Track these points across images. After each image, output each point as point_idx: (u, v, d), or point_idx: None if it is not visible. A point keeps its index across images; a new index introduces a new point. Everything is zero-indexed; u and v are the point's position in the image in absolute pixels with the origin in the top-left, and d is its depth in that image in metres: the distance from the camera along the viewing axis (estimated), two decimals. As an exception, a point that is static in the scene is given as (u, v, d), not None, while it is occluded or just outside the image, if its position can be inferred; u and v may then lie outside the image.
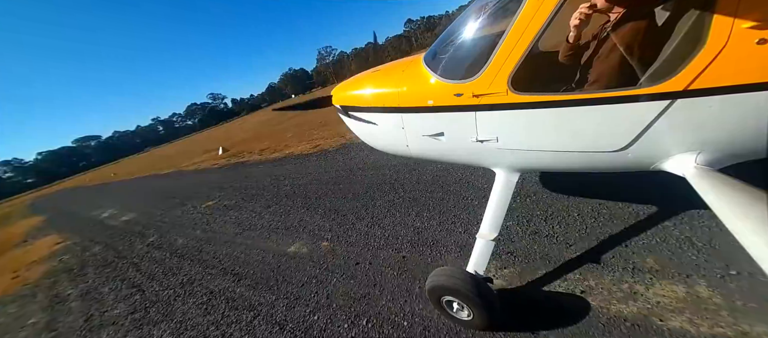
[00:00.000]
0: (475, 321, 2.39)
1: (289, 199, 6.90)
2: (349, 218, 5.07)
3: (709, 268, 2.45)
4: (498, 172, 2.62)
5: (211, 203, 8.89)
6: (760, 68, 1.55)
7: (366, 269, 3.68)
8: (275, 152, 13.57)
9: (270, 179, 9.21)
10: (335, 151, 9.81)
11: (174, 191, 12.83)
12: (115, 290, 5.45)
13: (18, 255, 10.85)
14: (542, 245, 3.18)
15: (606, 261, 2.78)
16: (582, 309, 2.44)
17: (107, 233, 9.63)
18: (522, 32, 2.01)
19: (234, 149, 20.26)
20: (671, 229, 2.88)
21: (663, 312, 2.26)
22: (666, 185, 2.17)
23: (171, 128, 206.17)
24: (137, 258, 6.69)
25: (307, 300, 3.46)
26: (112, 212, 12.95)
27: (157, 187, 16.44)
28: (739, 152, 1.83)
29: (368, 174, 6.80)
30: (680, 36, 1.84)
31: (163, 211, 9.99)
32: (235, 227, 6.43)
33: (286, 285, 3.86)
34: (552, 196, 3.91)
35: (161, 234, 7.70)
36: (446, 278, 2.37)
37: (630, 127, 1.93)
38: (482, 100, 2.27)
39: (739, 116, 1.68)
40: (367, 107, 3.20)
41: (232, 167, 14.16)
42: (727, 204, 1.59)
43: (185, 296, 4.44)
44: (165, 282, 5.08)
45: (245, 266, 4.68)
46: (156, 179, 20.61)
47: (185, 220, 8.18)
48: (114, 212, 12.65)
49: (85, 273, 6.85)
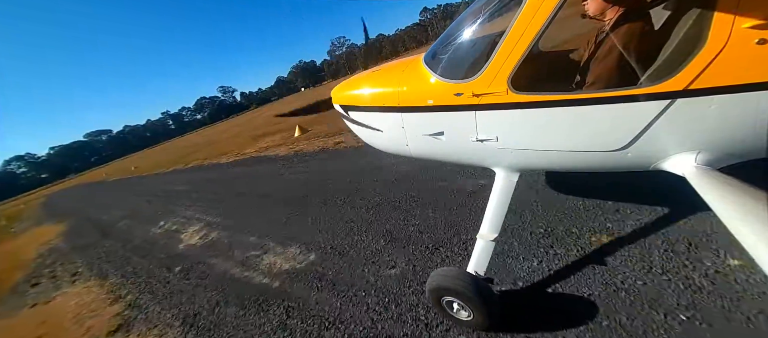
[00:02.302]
0: (476, 321, 2.41)
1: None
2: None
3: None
4: (498, 172, 2.63)
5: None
6: (760, 68, 1.54)
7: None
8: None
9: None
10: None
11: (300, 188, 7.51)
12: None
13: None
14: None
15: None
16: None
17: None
18: (522, 32, 2.01)
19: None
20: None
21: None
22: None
23: (180, 122, 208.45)
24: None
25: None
26: (207, 231, 6.86)
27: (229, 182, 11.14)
28: (739, 151, 1.82)
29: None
30: (680, 36, 1.83)
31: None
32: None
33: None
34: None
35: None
36: (447, 279, 2.39)
37: (630, 126, 1.94)
38: (482, 99, 2.28)
39: (739, 115, 1.68)
40: (367, 107, 3.22)
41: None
42: (726, 204, 1.60)
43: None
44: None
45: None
46: (207, 171, 15.35)
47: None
48: (216, 235, 6.47)
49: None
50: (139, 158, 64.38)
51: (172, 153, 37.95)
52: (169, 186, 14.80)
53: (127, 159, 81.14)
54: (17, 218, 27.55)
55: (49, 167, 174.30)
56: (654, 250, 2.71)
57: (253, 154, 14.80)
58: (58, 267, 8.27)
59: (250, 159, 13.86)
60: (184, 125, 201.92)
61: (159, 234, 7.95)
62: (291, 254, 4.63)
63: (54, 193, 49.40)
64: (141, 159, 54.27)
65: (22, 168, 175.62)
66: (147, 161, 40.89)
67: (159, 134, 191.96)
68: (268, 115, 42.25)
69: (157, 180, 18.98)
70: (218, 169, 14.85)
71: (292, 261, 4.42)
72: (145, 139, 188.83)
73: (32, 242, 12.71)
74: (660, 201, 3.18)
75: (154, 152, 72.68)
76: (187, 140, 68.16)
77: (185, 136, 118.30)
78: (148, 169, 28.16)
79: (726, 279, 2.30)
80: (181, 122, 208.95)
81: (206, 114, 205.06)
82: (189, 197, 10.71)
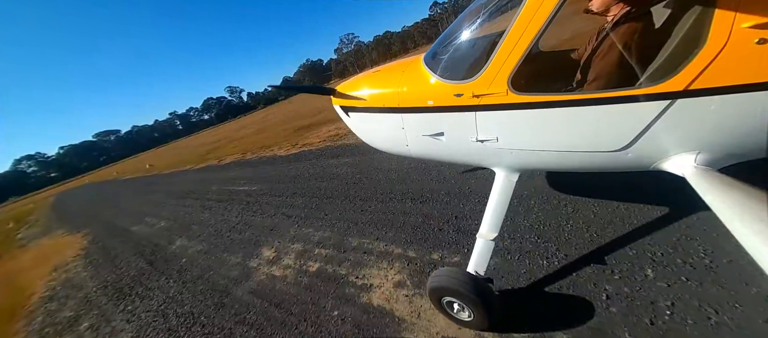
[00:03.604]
0: (476, 321, 2.41)
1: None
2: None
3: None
4: (498, 172, 2.64)
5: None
6: (760, 68, 1.53)
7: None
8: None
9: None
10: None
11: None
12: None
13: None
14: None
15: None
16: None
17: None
18: (522, 32, 2.01)
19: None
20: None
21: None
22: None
23: (188, 122, 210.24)
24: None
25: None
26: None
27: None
28: (738, 152, 1.81)
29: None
30: (680, 36, 1.82)
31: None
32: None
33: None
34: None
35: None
36: (447, 279, 2.39)
37: (630, 127, 1.93)
38: (482, 100, 2.28)
39: (738, 115, 1.66)
40: (367, 108, 3.22)
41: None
42: (726, 204, 1.59)
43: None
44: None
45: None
46: (264, 166, 11.62)
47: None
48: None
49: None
50: (151, 156, 62.64)
51: (189, 152, 34.79)
52: (223, 185, 10.85)
53: (137, 158, 79.55)
54: (25, 220, 24.69)
55: (58, 166, 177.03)
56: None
57: (318, 144, 11.41)
58: (84, 330, 4.76)
59: (319, 151, 10.41)
60: (192, 125, 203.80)
61: (281, 279, 4.21)
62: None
63: (64, 192, 48.15)
64: (153, 158, 52.20)
65: (32, 167, 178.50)
66: (161, 159, 38.98)
67: (167, 134, 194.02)
68: (289, 110, 38.68)
69: (192, 178, 15.38)
70: (278, 163, 11.03)
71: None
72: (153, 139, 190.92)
73: (40, 263, 9.35)
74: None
75: (165, 150, 70.81)
76: (195, 139, 66.40)
77: (196, 134, 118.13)
78: (167, 166, 25.84)
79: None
80: (188, 122, 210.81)
81: (213, 114, 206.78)
82: (276, 203, 7.08)
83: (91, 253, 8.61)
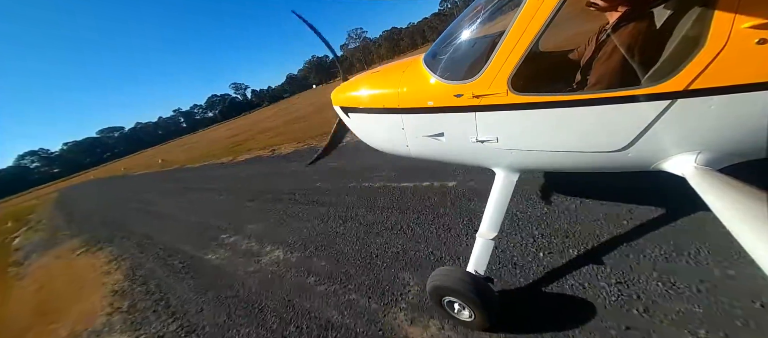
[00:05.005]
0: (476, 321, 2.42)
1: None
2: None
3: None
4: (498, 172, 2.64)
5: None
6: (760, 68, 1.53)
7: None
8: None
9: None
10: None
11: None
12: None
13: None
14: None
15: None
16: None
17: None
18: (522, 32, 2.00)
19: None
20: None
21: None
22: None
23: (192, 119, 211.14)
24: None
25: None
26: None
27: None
28: (738, 152, 1.81)
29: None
30: (680, 36, 1.82)
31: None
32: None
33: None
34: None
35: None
36: (447, 278, 2.40)
37: (630, 127, 1.93)
38: (482, 100, 2.28)
39: (738, 116, 1.66)
40: (367, 108, 3.23)
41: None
42: (726, 205, 1.59)
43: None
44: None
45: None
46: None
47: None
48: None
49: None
50: (157, 152, 61.28)
51: (206, 146, 32.44)
52: (296, 184, 7.67)
53: (143, 154, 78.20)
54: (26, 219, 22.12)
55: (61, 162, 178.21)
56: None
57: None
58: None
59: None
60: (196, 122, 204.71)
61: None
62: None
63: (68, 187, 45.81)
64: (159, 154, 50.20)
65: (35, 163, 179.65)
66: (172, 155, 36.38)
67: (171, 132, 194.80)
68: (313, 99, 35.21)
69: (248, 172, 11.70)
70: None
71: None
72: (157, 136, 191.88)
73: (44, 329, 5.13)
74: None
75: (173, 146, 68.98)
76: (204, 135, 64.68)
77: (201, 131, 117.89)
78: (185, 161, 23.37)
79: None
80: (192, 119, 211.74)
81: (217, 112, 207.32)
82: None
83: (139, 306, 4.71)
